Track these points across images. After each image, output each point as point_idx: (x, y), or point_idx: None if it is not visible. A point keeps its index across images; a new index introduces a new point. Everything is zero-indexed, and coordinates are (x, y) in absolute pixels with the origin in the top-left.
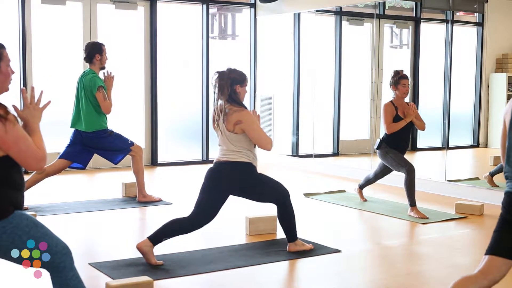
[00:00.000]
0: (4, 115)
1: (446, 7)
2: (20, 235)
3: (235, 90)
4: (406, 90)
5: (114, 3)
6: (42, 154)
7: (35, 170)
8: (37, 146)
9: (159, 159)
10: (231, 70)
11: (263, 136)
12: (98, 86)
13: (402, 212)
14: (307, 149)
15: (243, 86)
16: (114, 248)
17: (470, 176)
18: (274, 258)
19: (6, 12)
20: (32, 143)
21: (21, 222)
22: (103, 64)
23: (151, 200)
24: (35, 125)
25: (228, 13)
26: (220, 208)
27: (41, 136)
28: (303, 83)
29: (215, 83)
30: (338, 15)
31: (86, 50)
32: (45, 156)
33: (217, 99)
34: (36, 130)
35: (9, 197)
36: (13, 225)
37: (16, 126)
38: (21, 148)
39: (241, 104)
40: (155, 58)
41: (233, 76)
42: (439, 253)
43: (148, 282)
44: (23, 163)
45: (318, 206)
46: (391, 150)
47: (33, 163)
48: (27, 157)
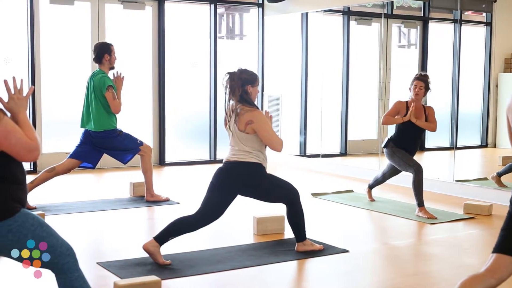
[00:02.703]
0: None
1: (455, 6)
2: (26, 234)
3: (246, 90)
4: (415, 92)
5: (122, 3)
6: (35, 145)
7: (29, 161)
8: (28, 137)
9: (167, 159)
10: (242, 70)
11: (274, 137)
12: (108, 86)
13: (410, 212)
14: (314, 149)
15: (255, 86)
16: (122, 248)
17: (479, 176)
18: (282, 258)
19: (15, 12)
20: (22, 135)
21: (27, 221)
22: (112, 64)
23: (159, 199)
24: (22, 114)
25: (236, 13)
26: (226, 207)
27: (31, 125)
28: (311, 83)
29: (226, 84)
30: (346, 14)
31: (95, 51)
32: (37, 146)
33: (229, 100)
34: (24, 120)
35: (12, 194)
36: (19, 224)
37: (3, 120)
38: (11, 142)
39: (252, 104)
40: (163, 58)
41: (244, 76)
42: (447, 254)
43: (156, 281)
44: (16, 156)
45: (326, 206)
46: (398, 149)
47: (25, 154)
48: (19, 149)
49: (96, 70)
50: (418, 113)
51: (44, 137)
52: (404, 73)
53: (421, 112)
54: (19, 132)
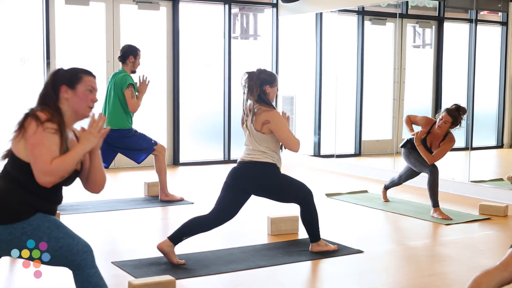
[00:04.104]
0: (41, 119)
1: (470, 6)
2: (41, 237)
3: (264, 91)
4: (439, 124)
5: (136, 4)
6: (50, 171)
7: (39, 182)
8: (59, 159)
9: (181, 159)
10: (261, 70)
11: (291, 137)
12: (128, 84)
13: (425, 213)
14: (329, 149)
15: (273, 87)
16: (136, 247)
17: (494, 177)
18: (296, 258)
19: (31, 12)
20: (47, 155)
21: (42, 224)
22: (134, 68)
23: (173, 199)
24: (83, 146)
25: (250, 13)
26: (240, 207)
27: (75, 156)
28: (325, 83)
29: (245, 83)
30: (360, 14)
31: (122, 50)
32: (52, 172)
33: (246, 99)
34: (75, 150)
35: (29, 201)
36: (33, 227)
37: (44, 132)
38: (34, 153)
39: (270, 104)
40: (177, 58)
41: (262, 76)
42: (462, 255)
43: (170, 281)
44: (33, 170)
45: (340, 206)
46: (415, 151)
47: (37, 173)
48: (35, 164)
49: (119, 69)
50: (435, 139)
51: None
52: (419, 73)
53: (438, 140)
54: (46, 151)
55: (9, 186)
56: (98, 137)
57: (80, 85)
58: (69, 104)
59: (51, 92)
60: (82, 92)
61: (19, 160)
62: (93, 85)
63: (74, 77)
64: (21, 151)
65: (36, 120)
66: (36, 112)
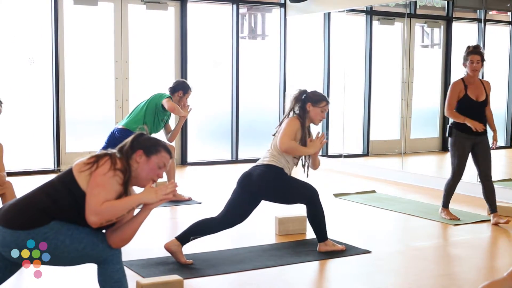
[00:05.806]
0: (116, 165)
1: (479, 6)
2: (63, 240)
3: (305, 107)
4: (474, 68)
5: (145, 4)
6: (99, 210)
7: (87, 221)
8: (110, 202)
9: (189, 159)
10: (313, 91)
11: (284, 136)
12: (167, 97)
13: (433, 213)
14: (337, 149)
15: (315, 106)
16: (144, 247)
17: (503, 177)
18: (304, 258)
19: (39, 12)
20: (102, 198)
21: (63, 227)
22: (179, 104)
23: (181, 199)
24: (140, 196)
25: (258, 13)
26: (250, 211)
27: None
28: (333, 83)
29: (293, 98)
30: (368, 14)
31: (175, 83)
32: (100, 213)
33: (288, 112)
34: (132, 197)
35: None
36: (55, 231)
37: (112, 179)
38: (93, 191)
39: (302, 118)
40: (185, 58)
41: (310, 94)
42: (471, 255)
43: (178, 280)
44: (85, 206)
45: (348, 206)
46: (460, 140)
47: (87, 210)
48: (89, 201)
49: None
50: (479, 91)
51: (68, 136)
52: (427, 73)
53: (481, 90)
54: (104, 194)
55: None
56: (158, 199)
57: (155, 157)
58: (137, 168)
59: (129, 149)
60: (154, 164)
61: (77, 185)
62: (166, 163)
63: (154, 148)
64: (81, 181)
65: (112, 164)
66: (116, 158)
